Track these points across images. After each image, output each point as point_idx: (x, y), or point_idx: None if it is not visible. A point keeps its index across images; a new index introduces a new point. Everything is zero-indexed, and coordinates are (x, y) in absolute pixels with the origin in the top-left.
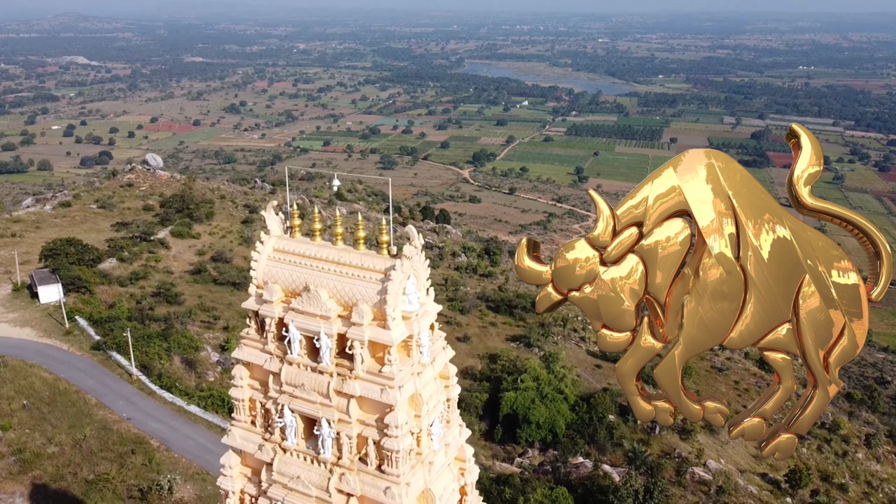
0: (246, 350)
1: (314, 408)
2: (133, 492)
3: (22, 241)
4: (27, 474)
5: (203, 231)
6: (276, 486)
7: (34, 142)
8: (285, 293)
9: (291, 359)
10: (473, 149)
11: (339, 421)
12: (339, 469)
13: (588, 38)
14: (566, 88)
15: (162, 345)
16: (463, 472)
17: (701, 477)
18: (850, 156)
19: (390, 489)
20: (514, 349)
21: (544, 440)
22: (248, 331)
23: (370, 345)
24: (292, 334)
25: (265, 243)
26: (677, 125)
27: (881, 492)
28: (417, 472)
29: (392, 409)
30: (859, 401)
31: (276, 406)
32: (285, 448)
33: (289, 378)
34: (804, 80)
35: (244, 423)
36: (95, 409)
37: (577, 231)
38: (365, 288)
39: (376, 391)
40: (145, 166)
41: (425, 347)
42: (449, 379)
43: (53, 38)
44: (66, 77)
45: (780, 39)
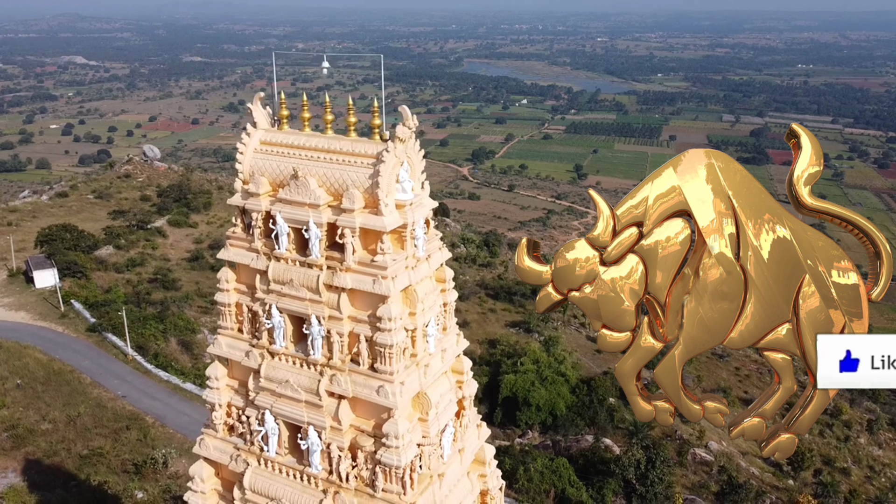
0: (232, 251)
1: (303, 305)
2: (127, 466)
3: (18, 230)
4: (20, 450)
5: (201, 220)
6: (263, 394)
7: (32, 141)
8: (272, 186)
9: (279, 254)
10: (472, 146)
11: (330, 318)
12: (329, 370)
13: (587, 37)
14: (565, 87)
15: (158, 327)
16: (461, 384)
17: (702, 458)
18: (849, 153)
19: (383, 388)
20: (513, 334)
21: (544, 423)
22: (234, 230)
23: (362, 234)
24: (280, 227)
25: (251, 136)
26: (676, 123)
27: (883, 476)
28: (412, 374)
29: (385, 300)
30: (860, 391)
31: (263, 308)
32: (273, 352)
33: (276, 275)
34: (803, 79)
35: (230, 331)
36: (90, 387)
37: (576, 227)
38: (356, 173)
39: (368, 282)
40: (143, 158)
41: (420, 241)
42: (446, 282)
43: (52, 38)
44: (65, 77)
45: (778, 38)
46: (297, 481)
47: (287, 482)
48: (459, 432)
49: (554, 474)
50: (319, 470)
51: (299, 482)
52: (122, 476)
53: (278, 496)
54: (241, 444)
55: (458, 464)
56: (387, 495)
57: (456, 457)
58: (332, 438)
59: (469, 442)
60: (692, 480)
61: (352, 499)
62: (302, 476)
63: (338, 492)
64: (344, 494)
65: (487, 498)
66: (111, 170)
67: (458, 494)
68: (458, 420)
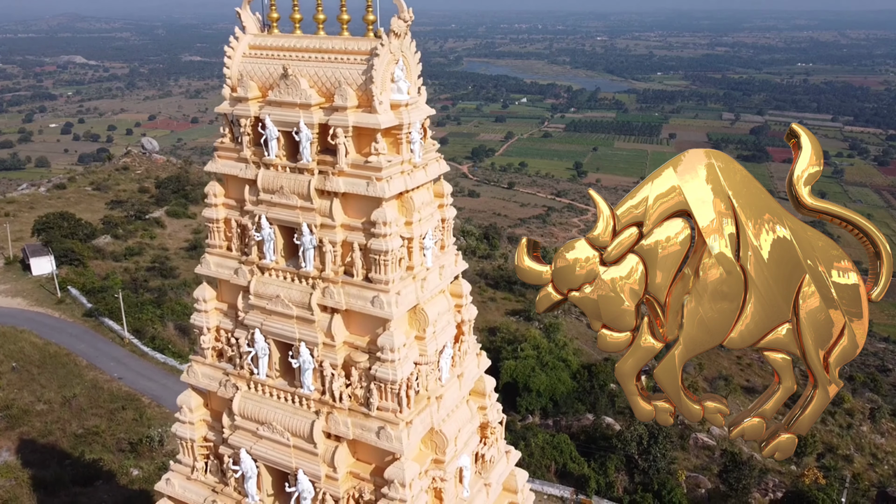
0: (220, 162)
1: (294, 213)
2: (123, 444)
3: (16, 220)
4: (14, 430)
5: (199, 211)
6: (253, 313)
7: (32, 139)
8: (261, 90)
9: (268, 160)
10: (472, 145)
11: (322, 226)
12: (321, 283)
13: (586, 36)
14: (565, 86)
15: (155, 311)
16: (460, 308)
17: (704, 442)
18: (849, 150)
19: (378, 297)
20: (513, 322)
21: (545, 408)
22: (223, 141)
23: (355, 134)
24: (269, 131)
25: (239, 40)
26: (676, 121)
27: (886, 464)
28: (408, 286)
29: (380, 204)
30: (862, 383)
31: (252, 220)
32: (263, 267)
33: (266, 183)
34: (803, 77)
35: (218, 249)
36: (86, 370)
37: (576, 224)
38: (349, 70)
39: (362, 185)
40: (141, 150)
41: (416, 145)
42: (444, 197)
43: (51, 38)
44: (64, 76)
45: (778, 37)
46: (289, 404)
47: (278, 405)
48: (458, 357)
49: (555, 450)
50: (311, 390)
51: (290, 404)
52: (118, 454)
53: (269, 419)
54: (231, 370)
55: (457, 389)
56: (382, 414)
57: (454, 382)
58: (325, 355)
59: (468, 369)
60: (694, 464)
61: (345, 419)
62: (293, 398)
63: (331, 412)
64: (337, 414)
65: (488, 431)
66: (109, 163)
67: (456, 420)
68: (457, 344)
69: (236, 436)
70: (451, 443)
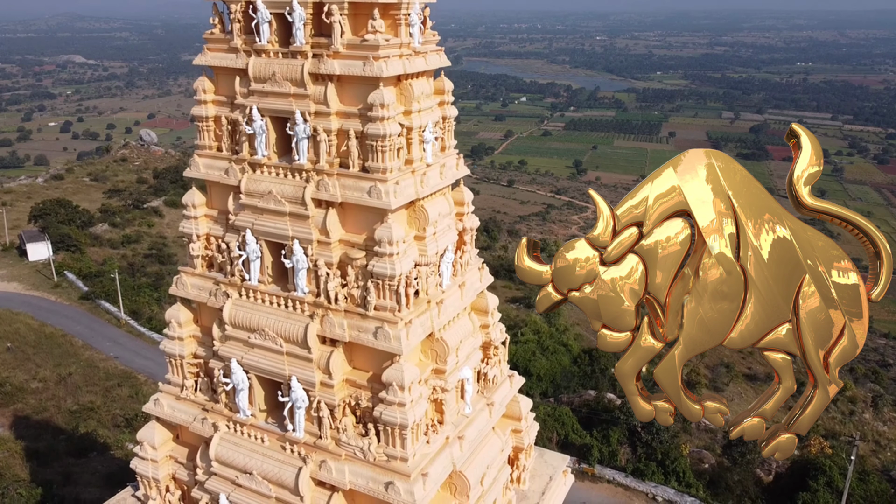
0: (209, 55)
1: (287, 102)
2: (118, 420)
3: (13, 209)
4: (8, 407)
5: None
6: (244, 213)
7: (31, 138)
8: None
9: (260, 46)
10: (472, 143)
11: (316, 114)
12: (316, 175)
13: (586, 35)
14: (564, 85)
15: (153, 294)
16: (461, 217)
17: (707, 426)
18: (848, 149)
19: (375, 187)
20: (513, 309)
21: (545, 393)
22: (212, 32)
23: (351, 12)
24: (261, 14)
25: None
26: (675, 120)
27: (889, 451)
28: (407, 179)
29: (377, 85)
30: (863, 374)
31: (243, 114)
32: (255, 164)
33: (257, 72)
34: (802, 76)
35: (208, 150)
36: (82, 349)
37: (575, 222)
38: None
39: (358, 66)
40: (139, 142)
41: (415, 28)
42: (445, 94)
43: (51, 38)
44: (64, 75)
45: (777, 36)
46: (282, 308)
47: (270, 311)
48: (460, 266)
49: (556, 421)
50: (305, 293)
51: (283, 309)
52: (113, 430)
53: (261, 326)
54: (221, 278)
55: (458, 298)
56: (380, 313)
57: (455, 290)
58: (320, 254)
59: (470, 280)
60: (697, 445)
61: (341, 320)
62: (287, 302)
63: (326, 314)
64: (333, 316)
65: (490, 350)
66: (107, 154)
67: (458, 330)
68: (459, 253)
69: (227, 346)
70: (453, 352)
